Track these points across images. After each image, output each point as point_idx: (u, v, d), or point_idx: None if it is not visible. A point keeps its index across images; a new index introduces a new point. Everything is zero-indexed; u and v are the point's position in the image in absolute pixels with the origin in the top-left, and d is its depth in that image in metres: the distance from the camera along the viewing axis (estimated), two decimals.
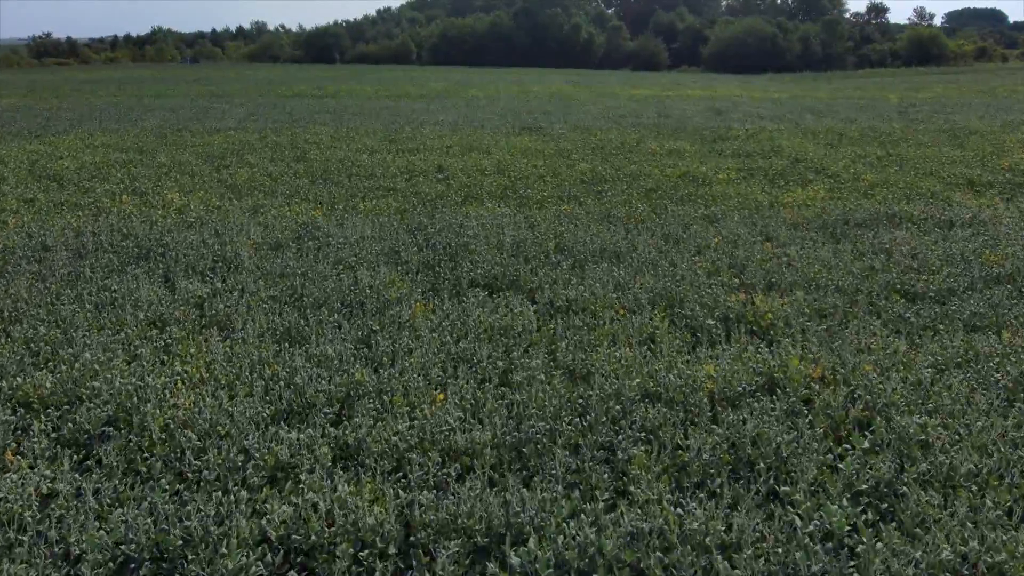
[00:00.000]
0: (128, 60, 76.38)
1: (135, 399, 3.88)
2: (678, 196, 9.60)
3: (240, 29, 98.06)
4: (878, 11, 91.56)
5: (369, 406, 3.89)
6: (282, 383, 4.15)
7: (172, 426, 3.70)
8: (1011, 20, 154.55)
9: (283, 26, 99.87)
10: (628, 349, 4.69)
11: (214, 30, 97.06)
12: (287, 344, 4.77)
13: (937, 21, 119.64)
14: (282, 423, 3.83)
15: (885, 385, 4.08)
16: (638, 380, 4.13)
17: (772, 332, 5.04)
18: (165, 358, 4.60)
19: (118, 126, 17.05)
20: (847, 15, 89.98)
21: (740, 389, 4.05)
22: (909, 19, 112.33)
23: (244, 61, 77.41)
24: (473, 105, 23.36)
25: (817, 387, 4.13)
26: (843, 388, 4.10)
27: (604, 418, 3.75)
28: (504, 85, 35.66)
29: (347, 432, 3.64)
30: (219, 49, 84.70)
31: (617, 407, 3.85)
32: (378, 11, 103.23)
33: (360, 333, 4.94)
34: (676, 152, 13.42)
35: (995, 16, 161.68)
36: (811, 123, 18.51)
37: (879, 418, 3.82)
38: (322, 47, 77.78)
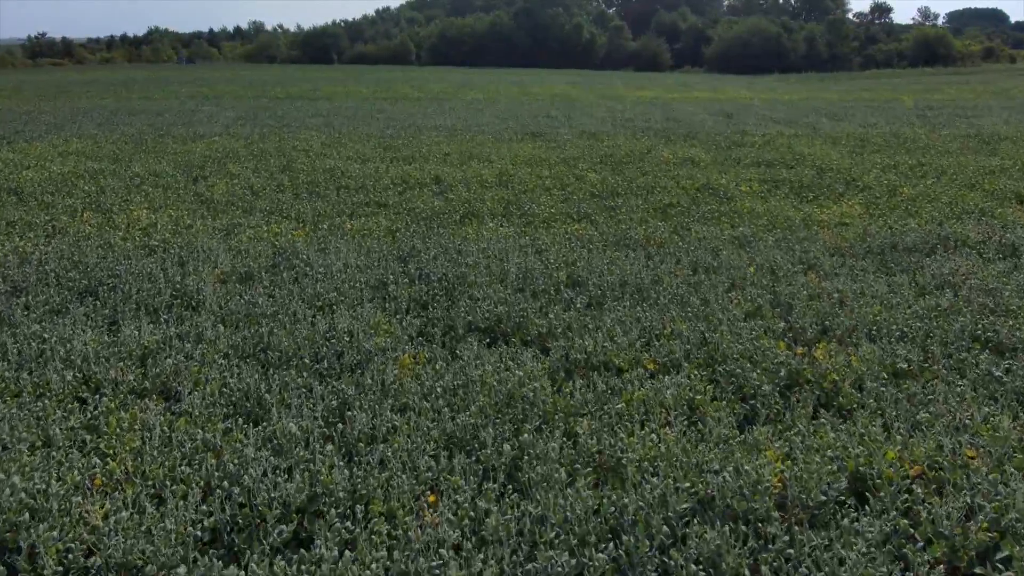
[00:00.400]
0: (124, 61, 75.43)
1: (26, 514, 2.95)
2: (700, 213, 8.67)
3: (238, 29, 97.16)
4: (882, 11, 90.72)
5: (337, 523, 2.96)
6: (227, 482, 3.23)
7: (71, 557, 2.77)
8: (1012, 20, 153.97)
9: (281, 26, 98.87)
10: (666, 428, 3.76)
11: (211, 30, 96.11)
12: (241, 419, 3.84)
13: (939, 21, 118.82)
14: (221, 546, 2.91)
15: (1003, 487, 3.15)
16: (688, 483, 3.20)
17: (840, 398, 4.11)
18: (87, 438, 3.67)
19: (98, 131, 16.12)
20: (850, 15, 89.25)
21: (820, 496, 3.11)
22: (913, 19, 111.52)
23: (241, 61, 76.47)
24: (473, 108, 22.44)
25: (919, 491, 3.20)
26: (952, 492, 3.17)
27: (647, 546, 2.82)
28: (504, 86, 34.74)
29: (302, 571, 2.71)
30: (215, 49, 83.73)
31: (664, 527, 2.92)
32: (377, 11, 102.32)
33: (333, 402, 4.01)
34: (691, 161, 12.49)
35: (996, 16, 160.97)
36: (828, 128, 17.59)
37: (1008, 539, 2.89)
38: (320, 47, 76.82)
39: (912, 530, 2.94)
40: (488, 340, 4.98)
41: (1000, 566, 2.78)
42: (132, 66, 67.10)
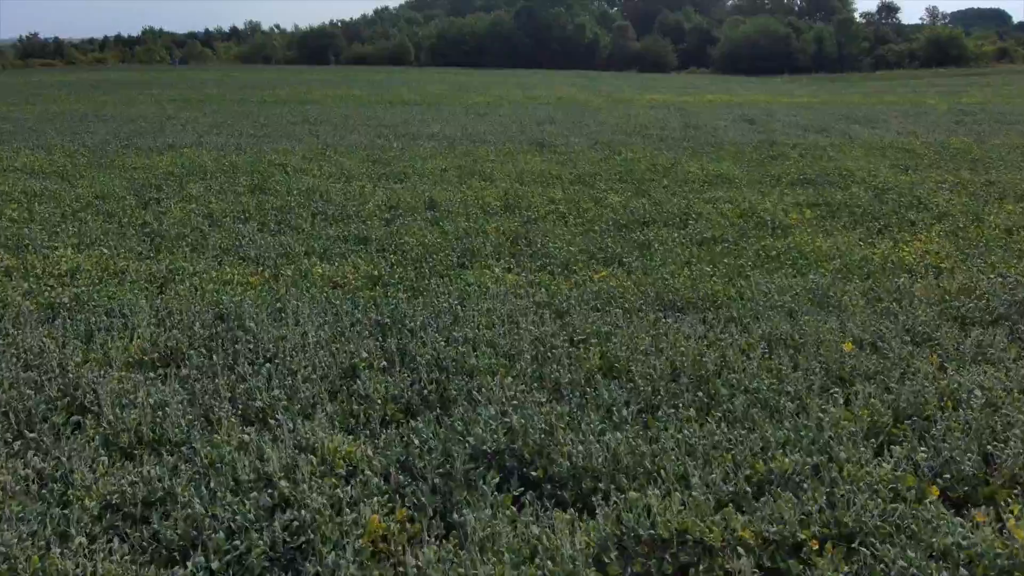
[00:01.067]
0: (116, 62, 73.82)
1: None
2: (752, 252, 7.06)
3: (234, 29, 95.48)
4: (889, 10, 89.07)
5: None
6: None
7: None
8: (1015, 20, 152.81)
9: (278, 26, 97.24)
10: None
11: (207, 30, 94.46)
12: None
13: (943, 22, 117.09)
14: None
15: None
16: None
17: None
18: None
19: (58, 140, 14.51)
20: (856, 15, 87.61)
21: None
22: (921, 19, 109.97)
23: (235, 63, 74.84)
24: (473, 113, 20.82)
25: None
26: None
27: None
28: (506, 88, 33.14)
29: None
30: (209, 50, 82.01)
31: None
32: (376, 11, 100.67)
33: None
34: (723, 178, 10.88)
35: (999, 16, 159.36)
36: (864, 135, 15.99)
37: None
38: (317, 48, 75.11)
39: None
40: (498, 479, 3.36)
41: None
42: (123, 67, 65.47)
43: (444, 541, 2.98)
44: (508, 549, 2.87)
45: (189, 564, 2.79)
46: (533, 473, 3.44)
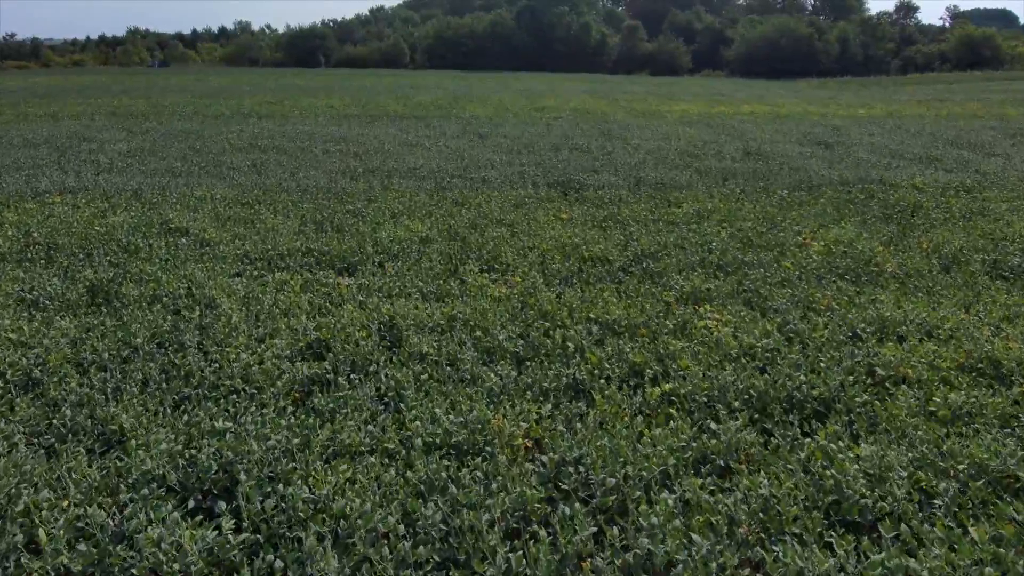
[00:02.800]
0: (95, 63, 69.71)
1: None
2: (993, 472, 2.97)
3: (223, 30, 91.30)
4: (908, 10, 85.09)
5: None
6: None
7: None
8: (1022, 21, 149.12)
9: (269, 27, 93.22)
10: None
11: (195, 31, 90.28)
12: None
13: (947, 23, 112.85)
14: None
15: None
16: None
17: None
18: None
19: None
20: (869, 14, 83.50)
21: None
22: (941, 19, 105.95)
23: (219, 65, 70.80)
24: (471, 131, 16.74)
25: None
26: None
27: None
28: (510, 96, 29.05)
29: None
30: (192, 51, 77.72)
31: None
32: (371, 10, 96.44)
33: None
34: (861, 260, 6.82)
35: (1005, 17, 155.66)
36: (987, 167, 11.95)
37: None
38: (306, 49, 70.95)
39: None
40: None
41: None
42: (97, 70, 61.37)
43: None
44: None
45: None
46: None
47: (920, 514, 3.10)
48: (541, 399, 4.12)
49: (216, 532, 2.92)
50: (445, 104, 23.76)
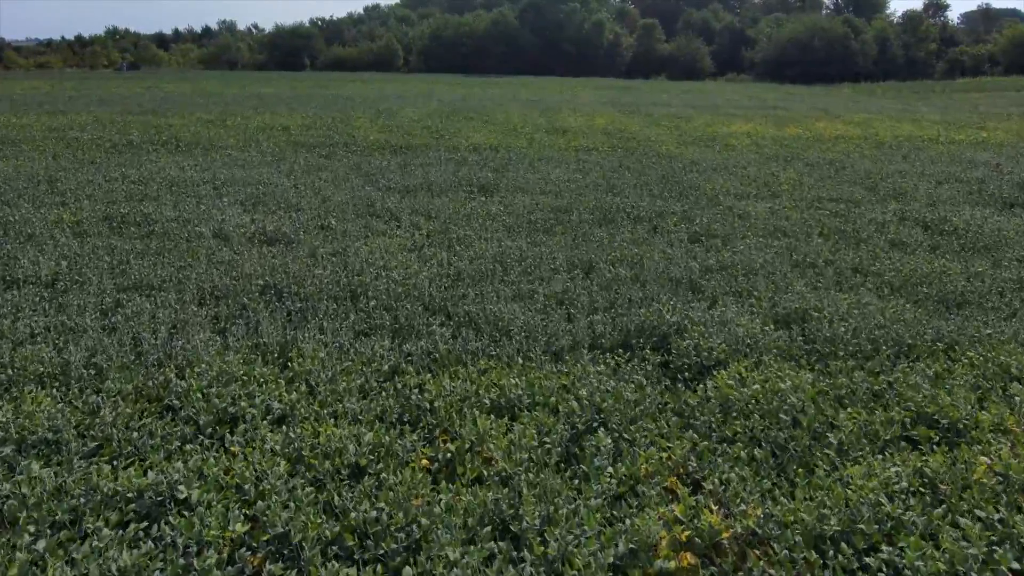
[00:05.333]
0: (62, 66, 64.06)
1: None
2: None
3: (207, 29, 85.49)
4: (937, 8, 79.49)
5: None
6: None
7: None
8: None
9: (256, 26, 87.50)
10: None
11: (176, 30, 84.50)
12: None
13: (954, 21, 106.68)
14: None
15: None
16: None
17: None
18: None
19: None
20: (897, 14, 77.79)
21: None
22: (959, 19, 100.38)
23: (196, 67, 65.15)
24: (469, 178, 11.12)
25: None
26: None
27: None
28: (519, 110, 23.43)
29: None
30: (164, 52, 71.70)
31: None
32: (365, 8, 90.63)
33: None
34: None
35: (1015, 15, 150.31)
36: None
37: None
38: (290, 50, 65.09)
39: None
40: None
41: None
42: (57, 73, 55.71)
43: None
44: None
45: None
46: None
47: None
48: None
49: None
50: (438, 126, 18.12)
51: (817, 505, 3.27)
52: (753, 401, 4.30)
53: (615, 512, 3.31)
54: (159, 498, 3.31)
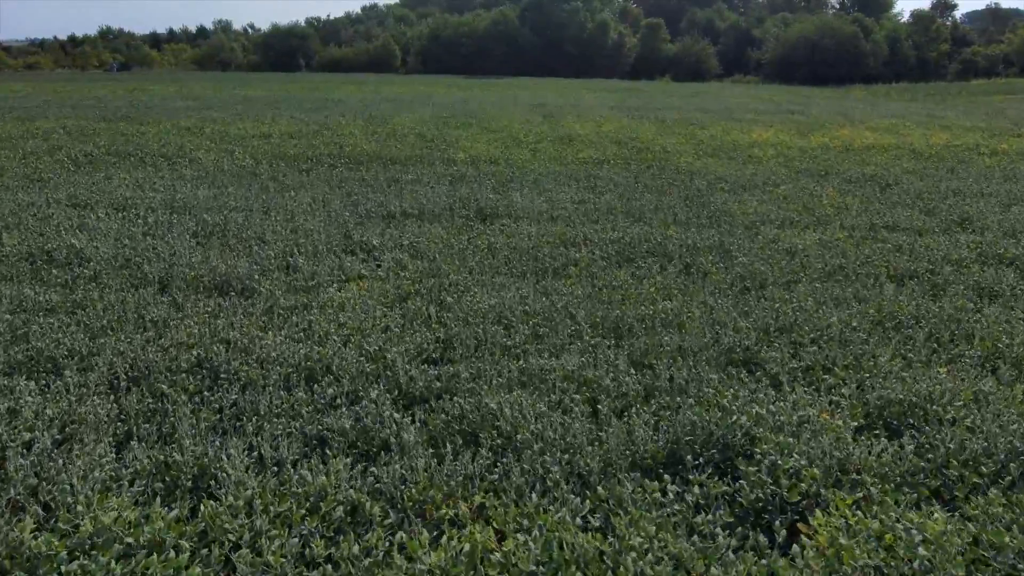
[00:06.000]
0: (53, 66, 62.62)
1: None
2: None
3: (202, 29, 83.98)
4: (945, 7, 78.08)
5: None
6: None
7: None
8: None
9: (252, 25, 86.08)
10: None
11: (171, 30, 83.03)
12: None
13: (959, 20, 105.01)
14: None
15: None
16: None
17: None
18: None
19: None
20: (905, 13, 76.36)
21: None
22: (960, 18, 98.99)
23: (189, 68, 63.74)
24: (467, 203, 9.72)
25: None
26: None
27: None
28: (520, 115, 22.02)
29: None
30: (155, 52, 70.17)
31: None
32: (363, 8, 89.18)
33: None
34: None
35: (1020, 15, 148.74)
36: None
37: None
38: (284, 51, 63.63)
39: None
40: None
41: None
42: (48, 74, 54.30)
43: None
44: None
45: None
46: None
47: None
48: None
49: None
50: (432, 135, 16.73)
51: None
52: (873, 570, 2.91)
53: None
54: None
